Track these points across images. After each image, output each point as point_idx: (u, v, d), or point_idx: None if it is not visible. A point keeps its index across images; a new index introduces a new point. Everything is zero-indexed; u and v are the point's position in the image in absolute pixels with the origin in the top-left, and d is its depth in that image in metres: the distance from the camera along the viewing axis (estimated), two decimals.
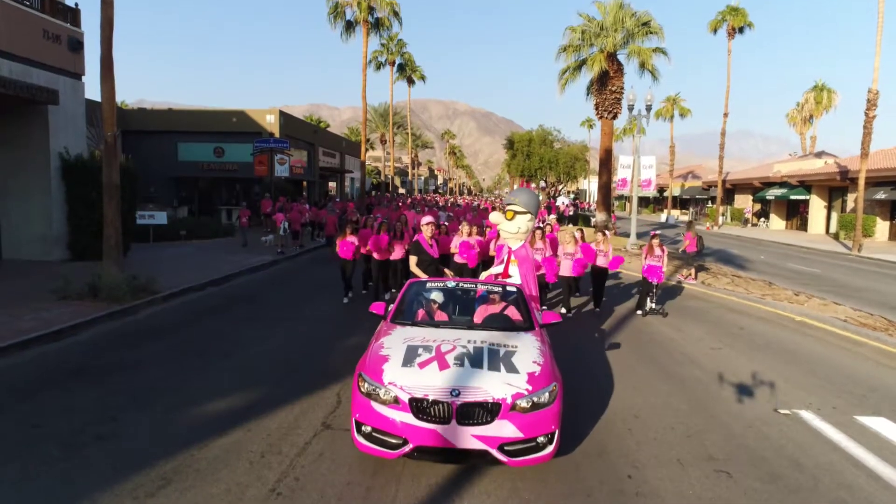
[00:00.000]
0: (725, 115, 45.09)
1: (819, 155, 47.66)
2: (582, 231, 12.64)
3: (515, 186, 77.32)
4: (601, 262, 11.73)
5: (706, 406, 6.68)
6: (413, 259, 10.17)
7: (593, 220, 32.87)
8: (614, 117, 28.64)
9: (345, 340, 8.98)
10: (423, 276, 9.11)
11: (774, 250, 29.45)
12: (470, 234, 11.77)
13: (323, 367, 7.67)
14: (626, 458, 5.30)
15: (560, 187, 53.96)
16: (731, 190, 53.26)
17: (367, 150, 41.23)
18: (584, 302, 12.86)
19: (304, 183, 37.93)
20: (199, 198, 33.71)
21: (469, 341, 5.34)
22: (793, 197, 42.56)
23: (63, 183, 15.88)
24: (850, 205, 36.86)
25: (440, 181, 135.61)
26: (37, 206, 15.60)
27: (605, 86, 28.12)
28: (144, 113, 32.10)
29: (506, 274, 8.28)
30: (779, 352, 9.06)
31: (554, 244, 11.99)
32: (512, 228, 8.23)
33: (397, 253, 11.85)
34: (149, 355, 8.17)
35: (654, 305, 11.54)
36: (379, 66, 48.11)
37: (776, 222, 46.85)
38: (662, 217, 57.59)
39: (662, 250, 11.52)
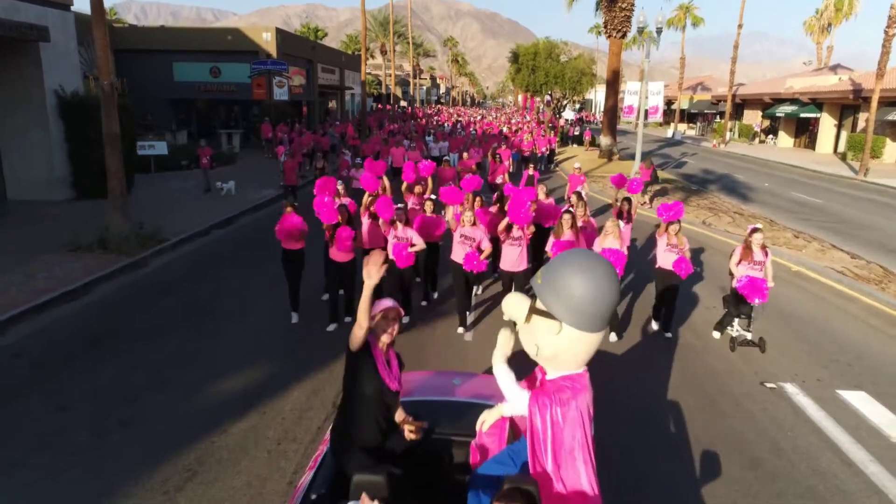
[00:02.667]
0: (740, 26, 43.17)
1: (834, 69, 46.13)
2: (629, 208, 9.43)
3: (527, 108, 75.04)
4: (667, 260, 8.10)
5: (698, 382, 7.02)
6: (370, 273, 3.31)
7: (597, 142, 32.38)
8: (623, 36, 27.60)
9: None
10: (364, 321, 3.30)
11: (780, 174, 29.24)
12: (473, 207, 8.87)
13: (329, 332, 8.00)
14: (616, 443, 5.68)
15: (565, 103, 52.71)
16: (741, 105, 51.96)
17: (367, 58, 39.93)
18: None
19: (304, 106, 37.09)
20: (197, 120, 33.17)
21: None
22: (803, 115, 41.61)
23: (61, 122, 15.69)
24: (860, 124, 36.10)
25: (442, 90, 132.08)
26: (37, 147, 15.49)
27: (615, 2, 26.88)
28: (137, 31, 31.02)
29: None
30: (772, 313, 9.31)
31: (589, 236, 8.57)
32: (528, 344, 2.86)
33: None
34: (161, 319, 8.49)
35: (748, 334, 7.80)
36: None
37: (784, 139, 46.07)
38: (669, 132, 56.54)
39: (766, 254, 7.85)
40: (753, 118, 50.59)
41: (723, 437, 5.83)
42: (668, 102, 62.94)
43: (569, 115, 65.87)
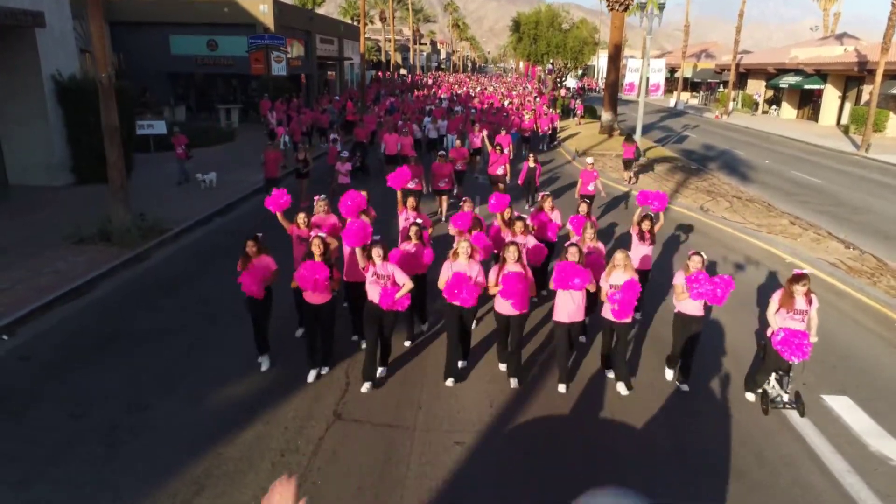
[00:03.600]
0: None
1: (840, 38, 45.37)
2: (650, 226, 8.36)
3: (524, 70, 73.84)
4: (692, 304, 6.84)
5: (690, 390, 7.24)
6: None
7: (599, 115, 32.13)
8: (625, 9, 27.16)
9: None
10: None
11: (781, 149, 29.14)
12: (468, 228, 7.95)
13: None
14: (612, 453, 5.93)
15: (567, 73, 52.02)
16: (745, 74, 51.33)
17: (366, 25, 39.26)
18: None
19: (303, 77, 36.69)
20: (195, 95, 32.89)
21: None
22: (807, 86, 41.21)
23: (60, 107, 15.67)
24: (865, 97, 35.76)
25: (443, 55, 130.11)
26: (36, 132, 15.49)
27: None
28: (133, 3, 30.42)
29: None
30: (764, 308, 9.49)
31: (595, 262, 7.48)
32: None
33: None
34: (165, 319, 8.68)
35: (786, 395, 6.64)
36: None
37: (787, 110, 45.67)
38: (671, 101, 55.96)
39: (810, 302, 6.56)
40: (757, 88, 50.04)
41: (709, 445, 6.07)
42: (672, 70, 62.21)
43: (571, 83, 65.22)
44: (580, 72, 75.99)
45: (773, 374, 6.67)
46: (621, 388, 6.90)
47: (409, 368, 7.49)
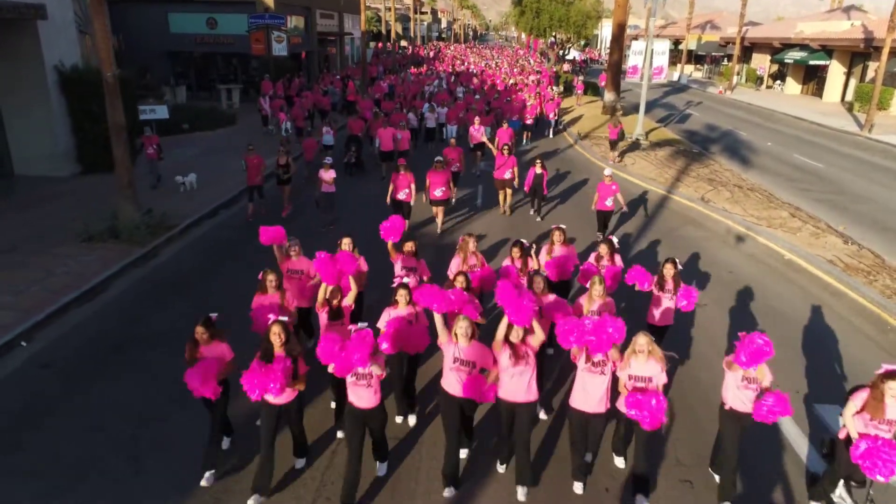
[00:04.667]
0: None
1: (847, 11, 44.72)
2: (675, 272, 7.24)
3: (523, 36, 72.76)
4: (742, 397, 5.54)
5: (681, 391, 7.49)
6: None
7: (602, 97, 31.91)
8: None
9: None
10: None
11: (784, 129, 29.06)
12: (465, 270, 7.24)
13: None
14: (602, 463, 6.20)
15: (569, 47, 51.44)
16: (749, 48, 50.73)
17: None
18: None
19: (304, 54, 36.34)
20: (194, 74, 32.66)
21: None
22: (812, 62, 40.81)
23: (63, 97, 15.70)
24: (870, 73, 35.47)
25: (444, 25, 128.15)
26: (40, 123, 15.54)
27: None
28: None
29: None
30: (762, 310, 9.72)
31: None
32: None
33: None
34: (178, 320, 8.82)
35: None
36: None
37: (792, 86, 45.29)
38: (675, 75, 55.36)
39: None
40: (762, 62, 49.51)
41: (701, 452, 6.34)
42: (676, 42, 61.44)
43: (573, 55, 64.46)
44: (583, 42, 75.05)
45: (841, 482, 5.66)
46: (640, 500, 5.60)
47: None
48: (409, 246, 7.77)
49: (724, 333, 8.95)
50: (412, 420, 6.80)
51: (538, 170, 13.31)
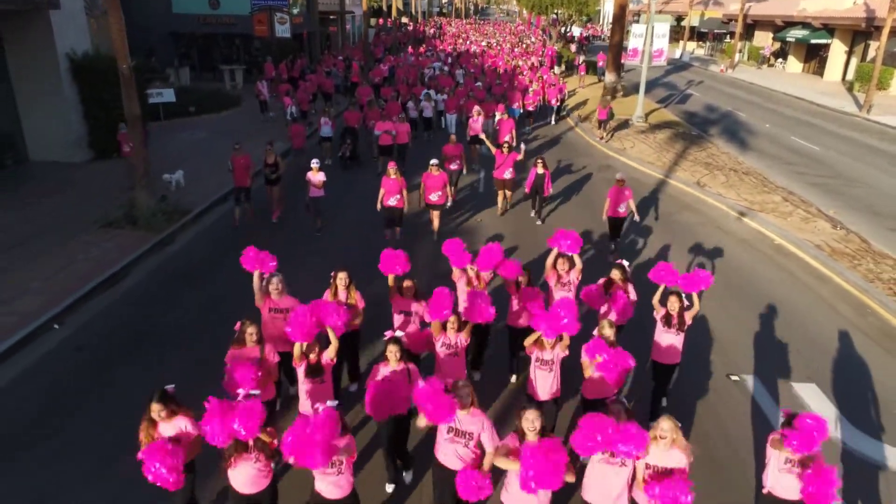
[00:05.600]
0: None
1: None
2: (681, 308, 6.68)
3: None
4: (787, 483, 4.83)
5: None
6: None
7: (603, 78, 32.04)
8: None
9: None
10: None
11: (783, 109, 29.31)
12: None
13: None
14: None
15: (570, 24, 51.24)
16: (752, 25, 50.56)
17: None
18: None
19: (305, 33, 36.39)
20: (197, 55, 32.83)
21: None
22: (813, 41, 40.79)
23: (75, 84, 16.08)
24: (871, 53, 35.52)
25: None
26: (53, 109, 15.93)
27: None
28: None
29: None
30: (750, 296, 10.23)
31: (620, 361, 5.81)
32: None
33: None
34: (196, 307, 9.40)
35: None
36: None
37: (793, 64, 45.27)
38: (677, 53, 55.18)
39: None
40: (764, 40, 49.37)
41: (685, 431, 6.91)
42: (679, 18, 61.13)
43: (576, 31, 64.15)
44: (585, 19, 74.54)
45: None
46: None
47: None
48: (407, 285, 6.79)
49: (714, 322, 9.43)
50: (408, 477, 6.19)
51: (540, 170, 12.67)
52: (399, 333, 5.88)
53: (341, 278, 6.76)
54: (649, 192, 15.74)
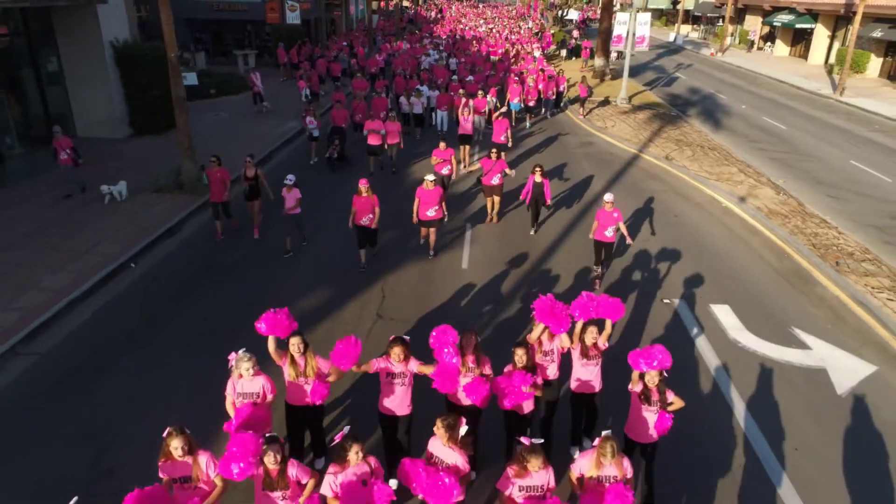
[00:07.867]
0: None
1: None
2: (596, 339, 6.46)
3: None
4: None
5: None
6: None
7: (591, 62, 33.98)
8: None
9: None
10: None
11: (763, 92, 31.32)
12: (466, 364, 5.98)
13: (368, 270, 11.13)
14: None
15: (567, 9, 52.94)
16: (743, 10, 52.29)
17: None
18: None
19: (312, 19, 38.31)
20: (211, 41, 34.86)
21: None
22: (798, 25, 42.64)
23: (117, 69, 18.24)
24: (851, 37, 37.37)
25: None
26: (99, 91, 18.13)
27: None
28: None
29: None
30: (691, 245, 12.46)
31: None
32: None
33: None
34: (240, 253, 11.67)
35: None
36: None
37: (781, 48, 47.13)
38: (671, 36, 56.96)
39: None
40: (755, 24, 51.13)
41: (620, 347, 9.18)
42: (674, 2, 62.86)
43: (573, 14, 65.71)
44: (586, 0, 76.00)
45: None
46: None
47: None
48: (397, 353, 5.80)
49: (658, 263, 11.68)
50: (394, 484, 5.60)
51: (538, 178, 11.90)
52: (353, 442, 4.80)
53: (294, 344, 5.93)
54: (622, 165, 17.93)
